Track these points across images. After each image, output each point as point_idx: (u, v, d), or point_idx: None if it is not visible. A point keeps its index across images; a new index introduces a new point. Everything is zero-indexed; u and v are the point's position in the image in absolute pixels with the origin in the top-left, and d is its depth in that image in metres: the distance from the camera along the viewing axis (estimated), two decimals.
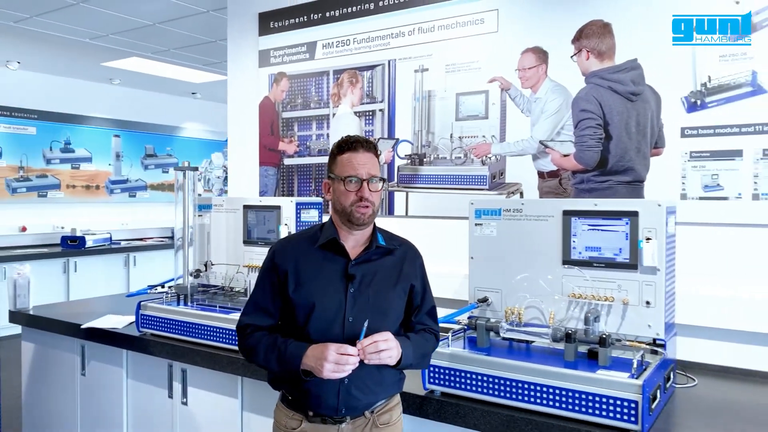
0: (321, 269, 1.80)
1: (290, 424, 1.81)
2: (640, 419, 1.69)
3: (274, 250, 1.88)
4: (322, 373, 1.63)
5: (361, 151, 1.78)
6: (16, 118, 7.82)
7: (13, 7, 4.43)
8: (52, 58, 6.60)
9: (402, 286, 1.85)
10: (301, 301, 1.77)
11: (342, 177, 1.76)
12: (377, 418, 1.81)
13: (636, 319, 2.01)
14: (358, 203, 1.75)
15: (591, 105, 2.57)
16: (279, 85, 3.57)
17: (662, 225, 1.96)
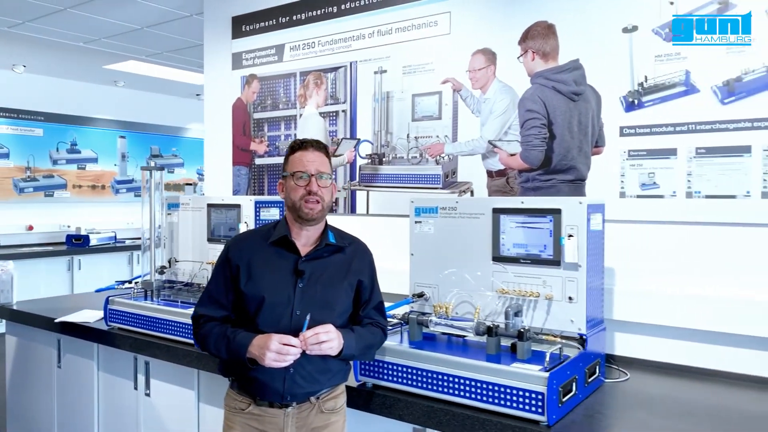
0: (272, 265, 1.91)
1: (239, 406, 1.92)
2: (546, 410, 1.74)
3: (229, 245, 1.99)
4: (265, 362, 1.74)
5: (310, 149, 1.90)
6: (23, 120, 8.04)
7: (4, 12, 4.59)
8: (56, 62, 6.78)
9: (349, 282, 1.95)
10: (252, 295, 1.88)
11: (291, 173, 1.88)
12: (322, 404, 1.92)
13: (560, 314, 2.06)
14: (307, 197, 1.85)
15: (536, 105, 2.61)
16: (250, 86, 3.67)
17: (584, 222, 2.01)
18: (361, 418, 2.16)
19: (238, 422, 1.91)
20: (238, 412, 1.92)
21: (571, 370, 1.89)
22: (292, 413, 1.88)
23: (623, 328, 2.43)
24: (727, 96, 2.22)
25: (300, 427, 1.89)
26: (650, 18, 2.36)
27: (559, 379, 1.80)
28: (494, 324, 2.04)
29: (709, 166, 2.26)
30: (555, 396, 1.78)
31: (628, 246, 2.44)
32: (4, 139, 7.83)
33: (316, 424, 1.90)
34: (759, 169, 2.17)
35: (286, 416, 1.87)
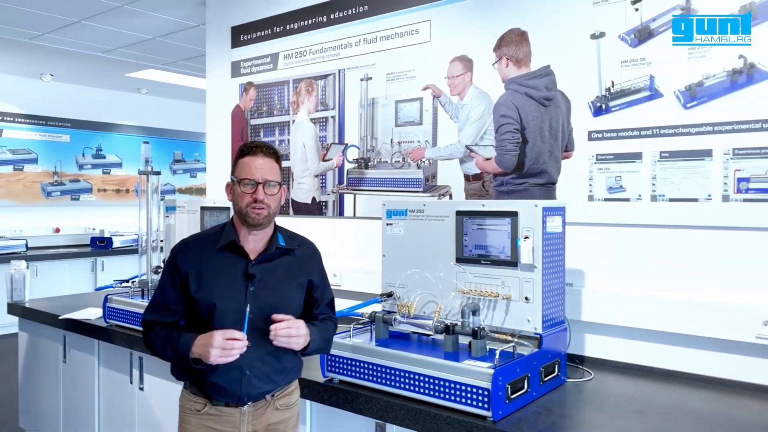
0: (222, 270, 1.91)
1: (195, 407, 1.93)
2: (491, 406, 1.81)
3: (176, 251, 1.97)
4: (210, 359, 1.74)
5: (260, 155, 1.88)
6: (51, 127, 8.38)
7: (26, 25, 4.83)
8: (81, 71, 7.06)
9: (299, 282, 1.98)
10: (204, 301, 1.87)
11: (239, 179, 1.87)
12: (277, 401, 1.96)
13: (517, 314, 2.12)
14: (253, 205, 1.85)
15: (510, 110, 2.67)
16: (248, 94, 3.80)
17: (539, 224, 2.07)
18: (329, 413, 2.25)
19: (194, 423, 1.93)
20: (194, 413, 1.93)
21: (521, 368, 1.95)
22: (248, 411, 1.91)
23: (592, 329, 2.47)
24: (689, 100, 2.25)
25: (256, 425, 1.93)
26: (617, 24, 2.40)
27: (507, 376, 1.86)
28: (452, 323, 2.11)
29: (673, 169, 2.29)
30: (501, 392, 1.84)
31: (597, 248, 2.48)
32: (33, 145, 8.17)
33: (272, 420, 1.95)
34: (720, 172, 2.19)
35: (242, 414, 1.90)
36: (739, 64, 2.15)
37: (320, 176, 3.43)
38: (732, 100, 2.16)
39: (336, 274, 3.26)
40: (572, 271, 2.52)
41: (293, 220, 3.57)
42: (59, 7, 4.32)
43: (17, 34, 5.13)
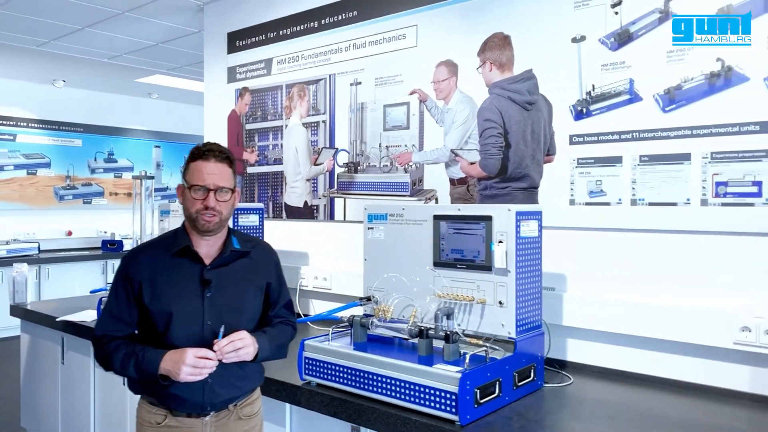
0: (176, 277, 1.86)
1: (154, 419, 1.88)
2: (459, 410, 1.81)
3: (127, 260, 1.91)
4: (180, 377, 1.72)
5: (212, 160, 1.83)
6: (64, 132, 8.52)
7: (31, 32, 4.93)
8: (92, 76, 7.18)
9: (257, 285, 1.97)
10: (159, 310, 1.83)
11: (190, 185, 1.83)
12: (240, 410, 1.94)
13: (492, 318, 2.12)
14: (204, 211, 1.81)
15: (493, 115, 2.67)
16: (243, 99, 3.84)
17: (512, 229, 2.07)
18: (307, 416, 2.26)
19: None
20: (153, 426, 1.87)
21: (492, 373, 1.95)
22: (210, 422, 1.87)
23: (574, 334, 2.46)
24: (668, 104, 2.23)
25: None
26: (597, 28, 2.39)
27: (475, 380, 1.86)
28: (427, 327, 2.12)
29: (652, 173, 2.27)
30: (469, 396, 1.84)
31: (578, 253, 2.47)
32: (46, 150, 8.33)
33: (235, 430, 1.92)
34: (698, 176, 2.17)
35: (204, 425, 1.86)
36: (717, 67, 2.13)
37: (312, 180, 3.45)
38: (710, 104, 2.15)
39: (326, 277, 3.28)
40: (554, 275, 2.51)
41: (286, 223, 3.61)
42: (62, 14, 4.41)
43: (24, 42, 5.24)
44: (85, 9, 4.27)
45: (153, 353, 1.77)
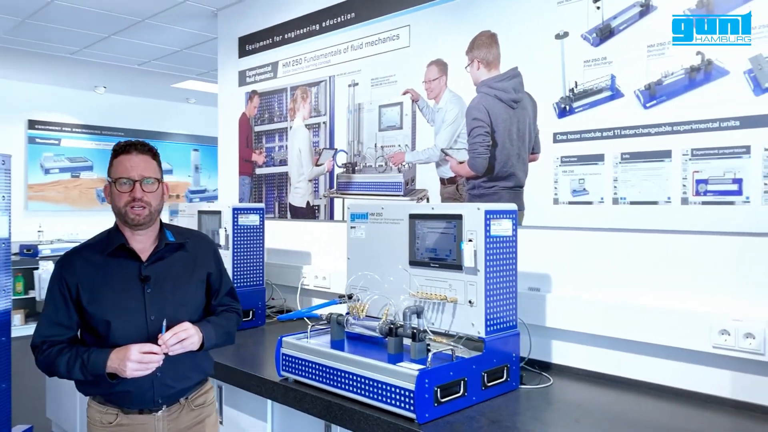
0: (114, 276, 1.85)
1: (105, 418, 1.88)
2: (416, 408, 1.81)
3: (61, 264, 1.89)
4: (126, 373, 1.71)
5: (134, 153, 1.82)
6: (105, 136, 8.88)
7: (63, 41, 5.17)
8: (130, 83, 7.46)
9: (198, 276, 1.99)
10: (100, 311, 1.82)
11: (114, 179, 1.83)
12: (191, 402, 1.99)
13: (462, 317, 2.11)
14: (132, 203, 1.80)
15: (481, 113, 2.65)
16: (252, 101, 3.93)
17: (481, 228, 2.05)
18: (287, 412, 2.30)
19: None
20: (105, 426, 1.87)
21: (455, 371, 1.93)
22: (162, 416, 1.90)
23: (559, 335, 2.41)
24: (648, 100, 2.17)
25: (171, 429, 1.92)
26: (580, 23, 2.35)
27: (435, 379, 1.86)
28: (397, 325, 2.12)
29: (633, 171, 2.21)
30: (428, 395, 1.83)
31: (562, 253, 2.42)
32: (89, 154, 8.70)
33: (187, 422, 1.96)
34: (679, 174, 2.10)
35: (156, 421, 1.89)
36: (697, 61, 2.06)
37: (314, 181, 3.50)
38: (690, 99, 2.08)
39: (326, 276, 3.32)
40: (539, 275, 2.48)
41: (291, 223, 3.66)
42: (88, 23, 4.61)
43: (58, 50, 5.50)
44: (108, 17, 4.45)
45: (98, 353, 1.76)
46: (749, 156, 1.95)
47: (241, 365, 2.46)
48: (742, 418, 1.90)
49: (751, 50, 1.95)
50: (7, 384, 3.62)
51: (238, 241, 3.16)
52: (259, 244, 3.25)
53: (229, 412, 2.60)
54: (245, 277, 3.21)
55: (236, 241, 3.15)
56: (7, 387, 3.63)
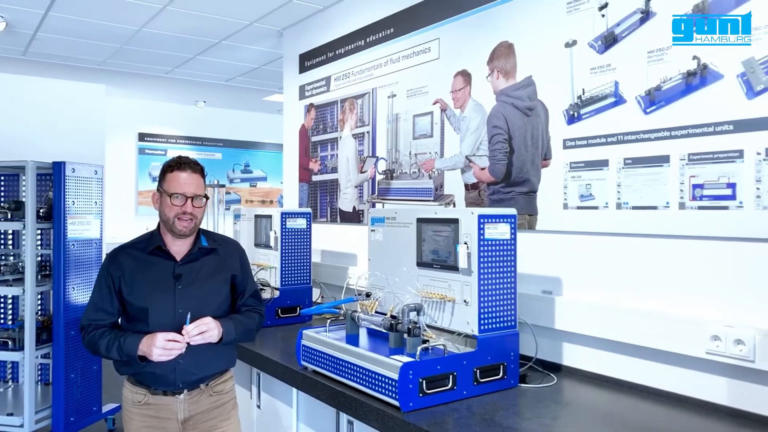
0: (151, 272, 2.14)
1: (136, 398, 2.18)
2: (399, 396, 1.96)
3: (109, 259, 2.18)
4: (152, 357, 2.00)
5: (188, 171, 2.10)
6: (206, 146, 9.65)
7: (156, 62, 5.78)
8: (225, 97, 8.09)
9: (223, 277, 2.23)
10: (137, 302, 2.11)
11: (169, 193, 2.09)
12: (211, 389, 2.23)
13: (460, 316, 2.23)
14: (181, 215, 2.08)
15: (500, 121, 2.75)
16: (310, 114, 4.22)
17: (475, 231, 2.16)
18: (310, 399, 2.51)
19: (136, 413, 2.17)
20: (136, 405, 2.17)
21: (443, 365, 2.06)
22: (183, 399, 2.16)
23: (569, 338, 2.46)
24: (649, 105, 2.18)
25: (192, 411, 2.18)
26: (587, 31, 2.39)
27: (420, 371, 1.99)
28: (397, 321, 2.28)
29: (635, 176, 2.23)
30: (412, 385, 1.98)
31: (571, 256, 2.47)
32: None
33: (206, 406, 2.21)
34: (676, 179, 2.10)
35: (178, 403, 2.16)
36: (693, 66, 2.05)
37: (359, 187, 3.72)
38: (687, 103, 2.07)
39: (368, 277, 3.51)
40: (551, 279, 2.54)
41: (340, 226, 3.90)
42: (173, 46, 5.13)
43: (154, 71, 6.13)
44: (189, 41, 4.93)
45: (132, 338, 2.06)
46: (742, 160, 1.93)
47: (279, 356, 2.69)
48: (734, 425, 1.87)
49: (744, 53, 1.93)
50: (98, 366, 4.15)
51: (286, 243, 3.43)
52: (305, 246, 3.51)
53: (264, 397, 2.87)
54: (293, 276, 3.47)
55: (284, 242, 3.43)
56: (98, 369, 4.16)
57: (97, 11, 4.22)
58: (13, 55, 5.53)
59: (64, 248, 3.77)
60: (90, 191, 4.02)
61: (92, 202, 4.04)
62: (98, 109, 7.42)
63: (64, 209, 3.77)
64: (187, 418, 2.19)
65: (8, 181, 4.24)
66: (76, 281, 3.88)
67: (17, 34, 4.79)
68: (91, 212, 4.02)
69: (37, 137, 6.66)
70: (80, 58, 5.62)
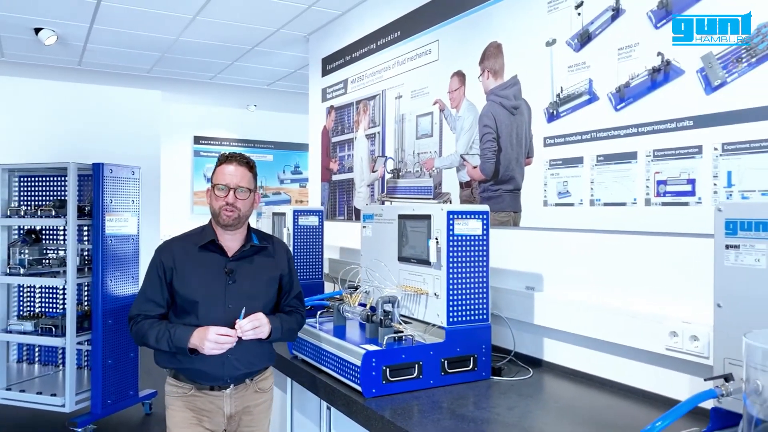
0: (203, 266, 2.13)
1: (181, 391, 2.18)
2: (361, 382, 2.07)
3: (160, 250, 2.18)
4: (204, 350, 1.99)
5: (234, 164, 2.12)
6: (258, 148, 10.02)
7: (198, 69, 6.11)
8: (275, 101, 8.37)
9: (272, 276, 2.23)
10: (188, 294, 2.10)
11: (214, 184, 2.12)
12: (256, 384, 2.27)
13: (432, 308, 2.31)
14: (225, 207, 2.09)
15: (490, 120, 2.80)
16: (330, 115, 4.37)
17: (444, 227, 2.24)
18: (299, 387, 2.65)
19: (180, 406, 2.16)
20: (180, 396, 2.16)
21: (408, 355, 2.15)
22: (230, 393, 2.18)
23: (549, 333, 2.49)
24: (619, 102, 2.19)
25: (237, 405, 2.21)
26: (565, 30, 2.42)
27: (382, 359, 2.09)
28: (371, 313, 2.38)
29: (607, 173, 2.24)
30: (375, 372, 2.08)
31: (551, 253, 2.50)
32: None
33: (251, 402, 2.25)
34: (642, 175, 2.10)
35: (225, 397, 2.17)
36: (658, 62, 2.05)
37: (371, 185, 3.84)
38: (652, 100, 2.07)
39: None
40: (533, 275, 2.58)
41: (354, 225, 4.03)
42: (211, 53, 5.42)
43: (197, 77, 6.47)
44: (225, 48, 5.20)
45: (184, 330, 2.04)
46: (701, 156, 1.92)
47: (277, 346, 2.83)
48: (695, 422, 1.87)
49: (702, 48, 1.92)
50: (135, 353, 4.45)
51: (298, 239, 3.60)
52: (318, 242, 3.66)
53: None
54: (305, 271, 3.63)
55: (296, 239, 3.60)
56: (135, 356, 4.46)
57: (135, 23, 4.54)
58: (69, 65, 5.99)
59: (102, 243, 4.08)
60: (127, 190, 4.33)
61: (129, 200, 4.34)
62: (155, 114, 7.88)
63: (102, 207, 4.08)
64: (233, 414, 2.22)
65: (56, 182, 4.61)
66: (115, 274, 4.19)
67: (70, 46, 5.20)
68: (128, 210, 4.32)
69: (97, 141, 7.14)
70: (130, 66, 6.01)
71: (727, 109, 1.85)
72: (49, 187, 4.62)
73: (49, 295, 4.70)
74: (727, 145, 1.85)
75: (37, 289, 4.70)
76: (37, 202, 4.55)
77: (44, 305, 4.70)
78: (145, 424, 4.48)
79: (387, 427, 1.88)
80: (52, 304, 4.68)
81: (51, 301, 4.69)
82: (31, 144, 6.74)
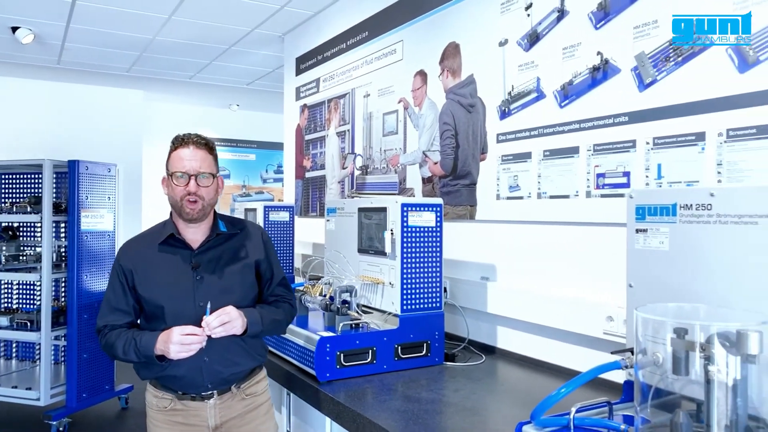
0: (166, 263, 1.90)
1: (161, 403, 1.93)
2: (315, 367, 2.16)
3: (119, 253, 1.96)
4: (170, 355, 1.75)
5: (191, 147, 1.84)
6: (240, 148, 10.08)
7: (177, 68, 6.18)
8: (258, 100, 8.44)
9: (246, 264, 1.97)
10: (152, 296, 1.87)
11: (171, 172, 1.85)
12: (243, 391, 1.98)
13: (388, 297, 2.41)
14: (187, 197, 1.83)
15: (448, 118, 2.90)
16: (303, 114, 4.46)
17: (399, 219, 2.34)
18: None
19: (162, 420, 1.93)
20: (161, 411, 1.93)
21: (362, 341, 2.25)
22: (214, 404, 1.92)
23: (502, 321, 2.59)
24: (563, 99, 2.30)
25: (224, 416, 1.94)
26: (516, 30, 2.52)
27: (337, 344, 2.19)
28: (329, 302, 2.47)
29: (552, 167, 2.35)
30: (328, 357, 2.17)
31: (503, 244, 2.60)
32: (226, 164, 9.91)
33: (240, 410, 1.97)
34: (584, 169, 2.21)
35: (209, 408, 1.91)
36: (597, 61, 2.16)
37: (341, 182, 3.93)
38: (593, 97, 2.18)
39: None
40: (488, 266, 2.68)
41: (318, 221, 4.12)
42: (189, 53, 5.49)
43: (175, 76, 6.54)
44: (202, 47, 5.28)
45: (149, 336, 1.81)
46: (635, 150, 2.03)
47: None
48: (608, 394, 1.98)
49: (635, 47, 2.03)
50: None
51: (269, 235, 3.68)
52: (289, 238, 3.74)
53: None
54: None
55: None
56: None
57: (111, 22, 4.60)
58: (49, 64, 6.03)
59: (78, 239, 4.14)
60: (104, 187, 4.39)
61: (105, 197, 4.41)
62: (137, 113, 7.92)
63: (78, 203, 4.14)
64: (219, 425, 1.96)
65: (34, 180, 4.67)
66: (90, 270, 4.25)
67: (47, 44, 5.25)
68: (104, 206, 4.39)
69: (79, 140, 7.18)
70: (109, 65, 6.07)
71: (657, 105, 1.96)
72: (27, 184, 4.68)
73: (26, 291, 4.76)
74: (657, 139, 1.96)
75: (14, 284, 4.75)
76: (14, 199, 4.61)
77: (21, 301, 4.75)
78: (121, 418, 4.54)
79: (339, 409, 1.97)
80: (28, 300, 4.74)
81: (27, 297, 4.74)
82: (13, 143, 6.78)
